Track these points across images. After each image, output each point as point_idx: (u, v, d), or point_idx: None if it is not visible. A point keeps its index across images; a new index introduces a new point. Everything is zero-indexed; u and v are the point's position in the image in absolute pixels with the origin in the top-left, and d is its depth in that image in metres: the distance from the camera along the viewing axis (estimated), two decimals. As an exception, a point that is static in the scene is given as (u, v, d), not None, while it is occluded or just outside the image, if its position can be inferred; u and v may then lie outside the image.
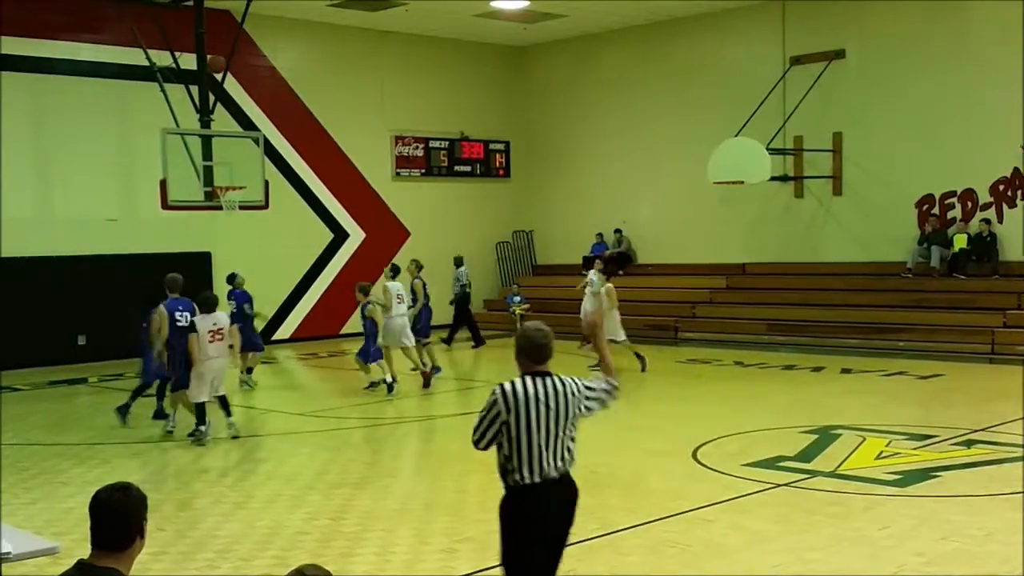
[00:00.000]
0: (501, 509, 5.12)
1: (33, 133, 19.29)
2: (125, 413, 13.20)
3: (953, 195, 19.64)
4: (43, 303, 18.92)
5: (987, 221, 19.09)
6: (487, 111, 25.78)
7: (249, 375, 16.22)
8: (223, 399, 12.14)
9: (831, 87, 20.61)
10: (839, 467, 9.73)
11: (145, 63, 16.96)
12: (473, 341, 20.69)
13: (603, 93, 24.85)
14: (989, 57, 18.85)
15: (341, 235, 23.38)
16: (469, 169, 25.60)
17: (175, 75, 16.71)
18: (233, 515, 8.68)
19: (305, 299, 22.69)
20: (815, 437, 11.09)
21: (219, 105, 17.70)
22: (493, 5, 21.71)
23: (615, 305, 16.59)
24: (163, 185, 16.00)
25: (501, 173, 26.28)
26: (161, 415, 13.11)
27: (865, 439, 10.91)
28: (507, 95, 26.18)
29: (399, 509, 8.72)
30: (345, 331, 22.97)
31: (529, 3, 21.63)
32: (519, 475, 5.00)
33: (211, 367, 11.78)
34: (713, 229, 22.93)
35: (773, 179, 20.32)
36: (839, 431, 11.35)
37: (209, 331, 11.72)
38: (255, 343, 16.20)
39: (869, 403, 13.46)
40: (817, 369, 16.64)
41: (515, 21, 23.12)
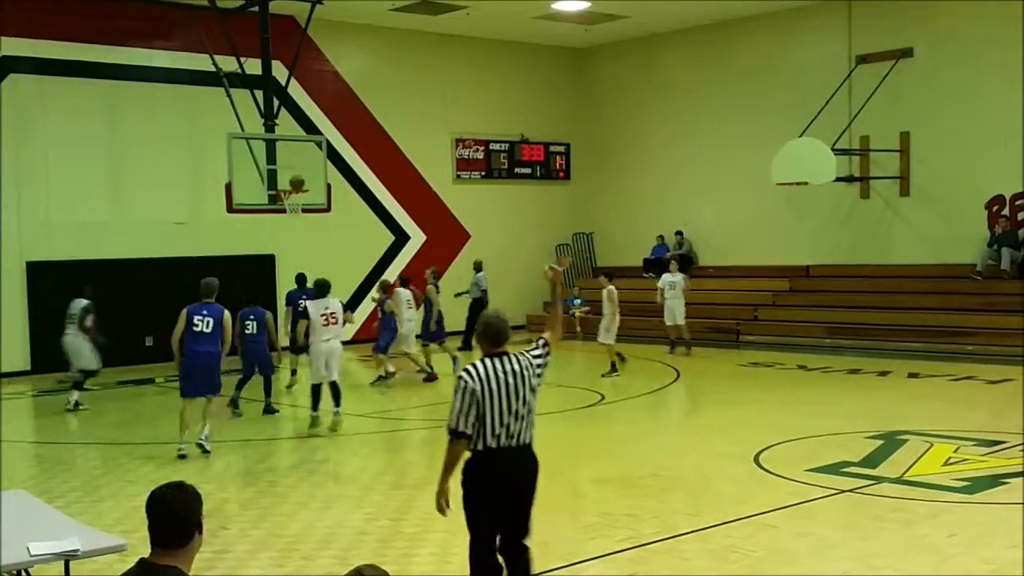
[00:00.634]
0: (463, 472, 5.74)
1: (107, 138, 19.71)
2: (237, 405, 13.99)
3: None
4: (113, 304, 19.28)
5: (1060, 222, 18.67)
6: (547, 113, 25.78)
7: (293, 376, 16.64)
8: (334, 385, 12.60)
9: (898, 86, 20.28)
10: (905, 473, 9.56)
11: (212, 68, 17.24)
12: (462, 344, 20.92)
13: (665, 94, 24.71)
14: (1062, 54, 18.44)
15: (402, 237, 23.53)
16: (529, 171, 25.62)
17: (241, 80, 16.96)
18: (295, 515, 8.77)
19: (367, 301, 22.85)
20: (880, 443, 10.92)
21: (283, 109, 17.95)
22: (554, 7, 21.71)
23: (616, 309, 16.84)
24: (228, 189, 16.24)
25: (561, 175, 26.25)
26: (237, 403, 13.99)
27: (932, 445, 10.71)
28: (568, 97, 26.15)
29: (459, 510, 8.72)
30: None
31: (590, 4, 21.59)
32: (481, 442, 5.64)
33: (322, 349, 12.49)
34: (777, 231, 22.68)
35: (839, 180, 20.03)
36: (905, 437, 11.16)
37: (321, 314, 12.52)
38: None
39: (936, 408, 13.22)
40: (883, 373, 16.38)
41: (576, 23, 23.09)
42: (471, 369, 5.67)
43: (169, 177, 20.18)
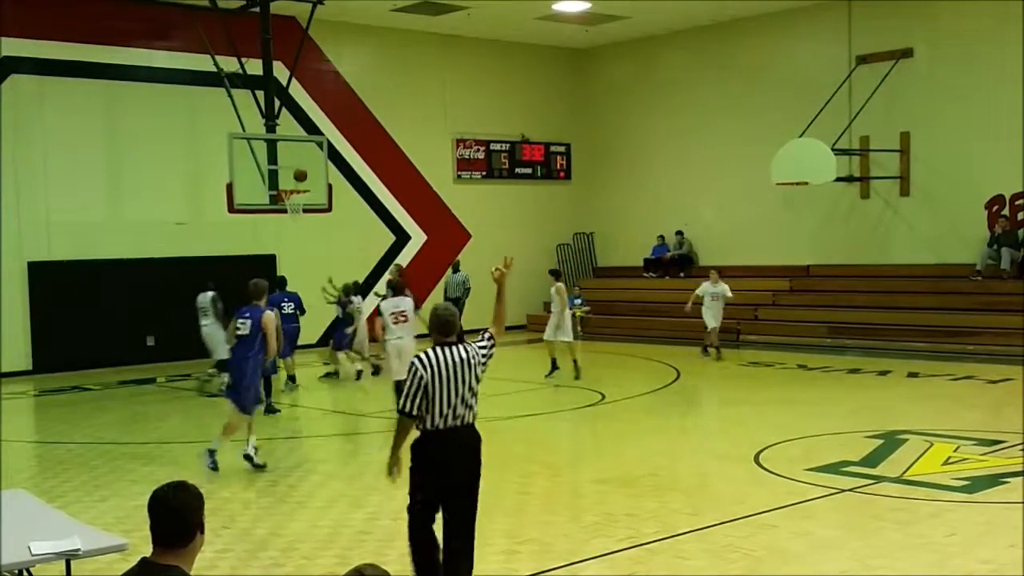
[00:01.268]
0: (412, 449, 6.31)
1: (107, 139, 19.72)
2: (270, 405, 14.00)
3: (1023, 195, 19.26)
4: (113, 304, 19.33)
5: (1060, 222, 18.69)
6: (548, 113, 25.80)
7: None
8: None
9: (898, 86, 20.30)
10: (905, 472, 9.58)
11: (213, 69, 17.26)
12: None
13: (665, 95, 24.73)
14: (1062, 54, 18.45)
15: (403, 237, 23.55)
16: (530, 171, 25.64)
17: (242, 80, 16.98)
18: (296, 514, 8.79)
19: (367, 301, 22.84)
20: (880, 442, 10.93)
21: (284, 110, 17.96)
22: (555, 8, 21.72)
23: (565, 306, 16.53)
24: (229, 189, 16.27)
25: (562, 175, 26.27)
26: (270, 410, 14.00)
27: (932, 444, 10.73)
28: (568, 97, 26.17)
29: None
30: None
31: (590, 5, 21.60)
32: (429, 422, 6.21)
33: (395, 346, 12.90)
34: (777, 231, 22.69)
35: (838, 180, 20.04)
36: (905, 436, 11.17)
37: (391, 313, 13.07)
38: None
39: (936, 408, 13.24)
40: (883, 373, 16.39)
41: (576, 23, 23.11)
42: (423, 356, 6.23)
43: (170, 177, 20.20)
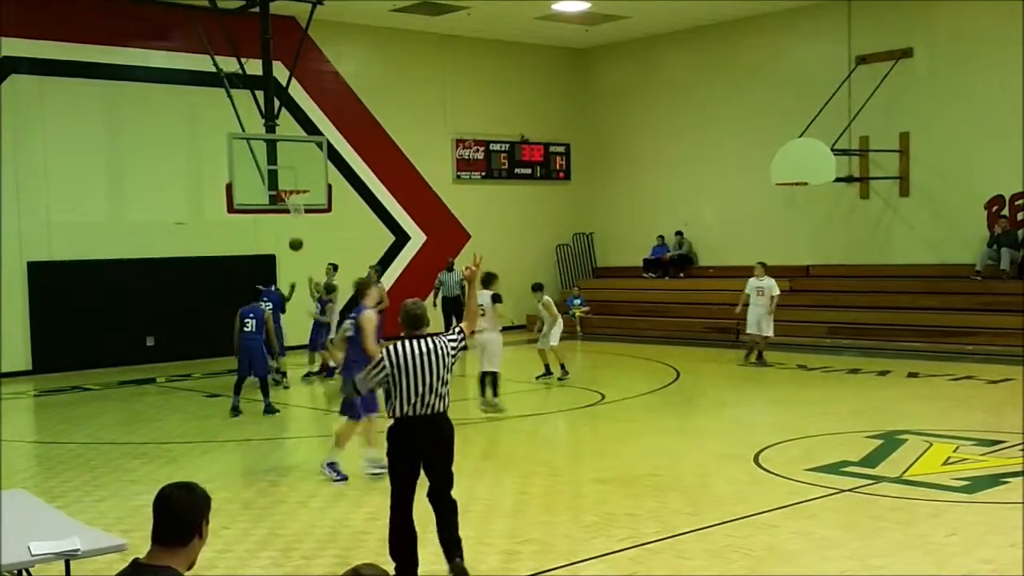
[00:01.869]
0: (387, 434, 6.80)
1: (107, 139, 19.72)
2: (237, 412, 13.80)
3: (1023, 196, 19.23)
4: (113, 305, 19.33)
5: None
6: (548, 114, 25.79)
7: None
8: (489, 376, 13.27)
9: (898, 87, 20.30)
10: (905, 473, 9.57)
11: (212, 69, 17.26)
12: None
13: (665, 95, 24.73)
14: (1062, 55, 18.45)
15: (402, 237, 23.55)
16: (529, 172, 25.63)
17: (241, 81, 16.97)
18: (295, 514, 8.79)
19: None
20: (880, 442, 10.93)
21: (284, 110, 17.95)
22: (554, 8, 21.72)
23: (557, 317, 16.23)
24: (229, 189, 16.26)
25: (561, 176, 26.27)
26: (239, 410, 13.84)
27: (932, 444, 10.73)
28: (568, 97, 26.17)
29: (460, 510, 8.73)
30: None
31: (590, 5, 21.60)
32: (400, 410, 6.66)
33: (478, 340, 13.13)
34: (777, 231, 22.69)
35: (838, 180, 20.04)
36: (905, 436, 11.17)
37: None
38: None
39: (936, 408, 13.23)
40: (883, 373, 16.39)
41: (576, 23, 23.11)
42: (391, 349, 6.70)
43: (169, 177, 20.19)
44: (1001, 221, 19.27)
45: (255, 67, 17.18)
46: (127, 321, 19.41)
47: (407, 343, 6.72)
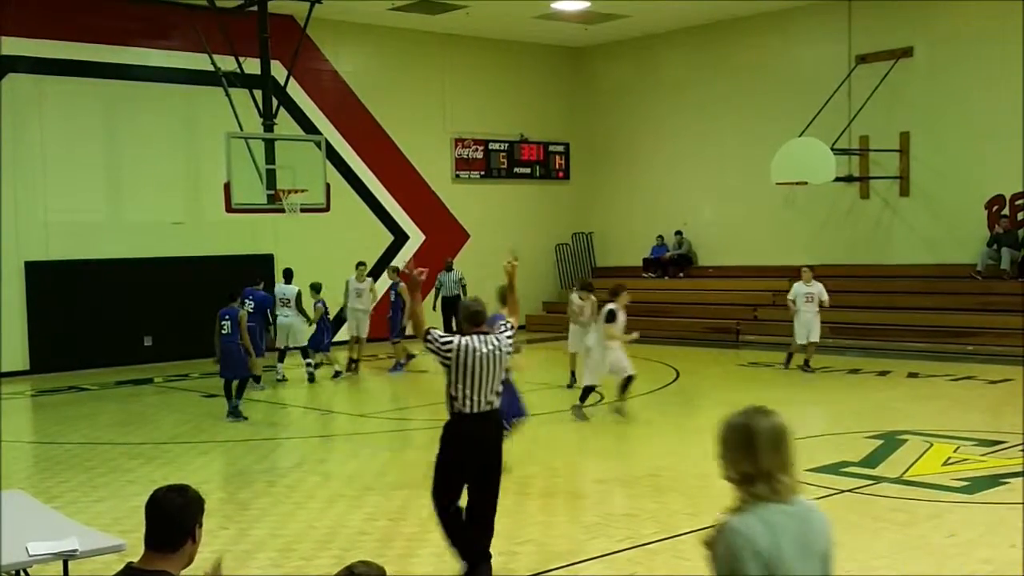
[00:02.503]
0: (443, 430, 6.79)
1: (105, 138, 19.69)
2: (238, 415, 13.40)
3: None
4: (111, 304, 19.29)
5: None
6: (547, 113, 25.77)
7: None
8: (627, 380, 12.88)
9: (898, 86, 20.27)
10: (905, 473, 9.55)
11: (210, 68, 17.23)
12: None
13: (664, 94, 24.70)
14: (1061, 54, 18.43)
15: (401, 237, 23.52)
16: (529, 171, 25.61)
17: (240, 80, 16.95)
18: (294, 515, 8.76)
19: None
20: (880, 442, 10.91)
21: (282, 109, 17.93)
22: (553, 7, 21.69)
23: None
24: (227, 188, 16.23)
25: (561, 175, 26.24)
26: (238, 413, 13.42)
27: (932, 445, 10.71)
28: (567, 97, 26.14)
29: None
30: (405, 332, 23.09)
31: (589, 4, 21.58)
32: (460, 406, 6.66)
33: (615, 354, 12.89)
34: (776, 231, 22.67)
35: (838, 180, 20.02)
36: (905, 436, 11.15)
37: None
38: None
39: (936, 408, 13.21)
40: (883, 373, 16.37)
41: (575, 22, 23.08)
42: (461, 342, 6.67)
43: (167, 177, 20.15)
44: (1002, 221, 19.26)
45: (253, 66, 17.16)
46: (125, 321, 19.37)
47: (472, 339, 6.72)
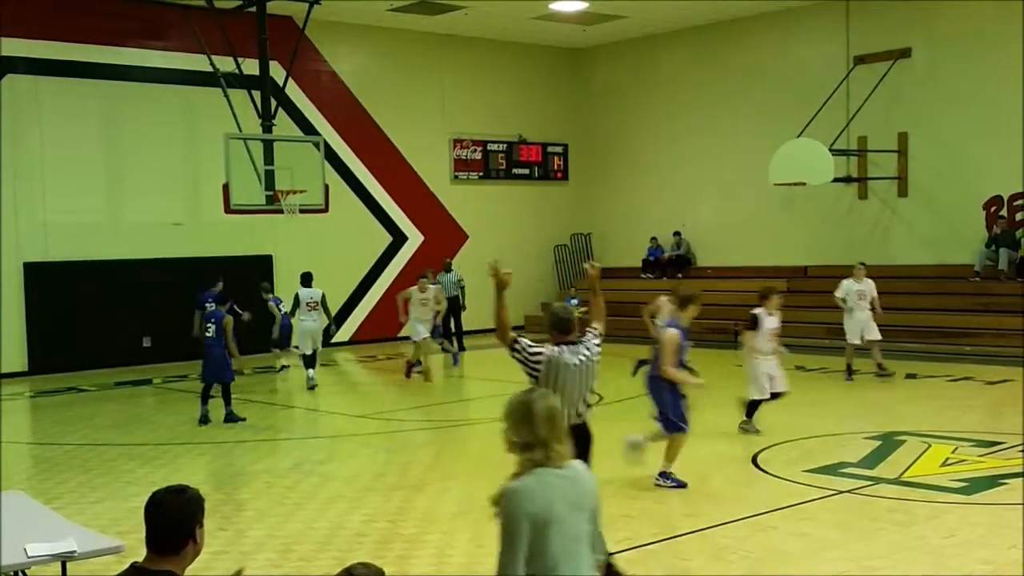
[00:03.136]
0: None
1: (104, 139, 19.69)
2: (206, 421, 13.24)
3: (1022, 196, 19.23)
4: (110, 305, 19.29)
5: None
6: (546, 114, 25.78)
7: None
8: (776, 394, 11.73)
9: (896, 87, 20.29)
10: (903, 474, 9.56)
11: (209, 69, 17.23)
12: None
13: (663, 95, 24.71)
14: (1059, 55, 18.45)
15: (400, 238, 23.52)
16: (527, 172, 25.61)
17: (238, 81, 16.95)
18: (293, 516, 8.76)
19: (364, 302, 22.86)
20: (878, 443, 10.91)
21: (280, 110, 17.92)
22: (552, 7, 21.70)
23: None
24: (226, 189, 16.23)
25: (559, 176, 26.25)
26: (207, 420, 13.23)
27: (930, 445, 10.71)
28: (566, 97, 26.15)
29: (458, 512, 8.74)
30: (404, 333, 23.08)
31: (588, 5, 21.59)
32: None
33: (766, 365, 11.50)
34: (775, 231, 22.68)
35: (836, 180, 20.03)
36: (903, 437, 11.15)
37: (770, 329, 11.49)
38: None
39: (934, 409, 13.22)
40: (881, 374, 16.34)
41: (574, 23, 23.09)
42: (552, 351, 6.39)
43: (166, 178, 20.15)
44: (1000, 221, 19.27)
45: (252, 67, 17.16)
46: (124, 322, 19.36)
47: (563, 348, 6.45)
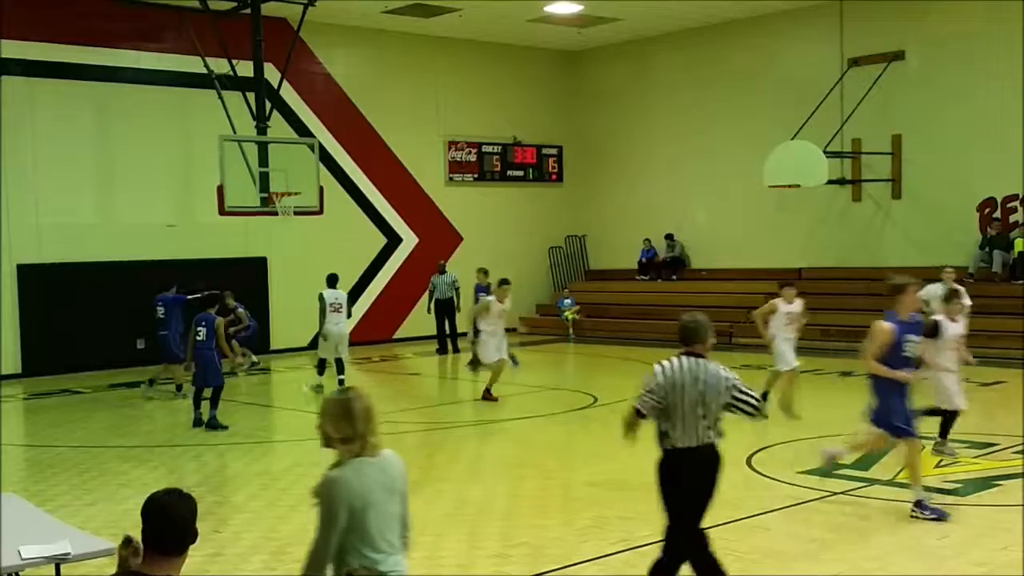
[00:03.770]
0: (658, 469, 6.12)
1: (98, 141, 19.66)
2: (200, 423, 13.10)
3: (1015, 198, 19.28)
4: (103, 307, 19.25)
5: (1051, 225, 18.72)
6: (540, 116, 25.79)
7: (151, 386, 16.10)
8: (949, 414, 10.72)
9: (890, 89, 20.33)
10: (897, 475, 9.56)
11: (203, 71, 17.20)
12: (439, 346, 21.07)
13: (657, 97, 24.74)
14: (1053, 57, 18.50)
15: (394, 240, 23.52)
16: (522, 174, 25.62)
17: (232, 82, 16.93)
18: (288, 517, 8.75)
19: (359, 304, 22.83)
20: (873, 444, 10.90)
21: (275, 112, 17.91)
22: (547, 10, 21.72)
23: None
24: (220, 191, 16.21)
25: (554, 178, 26.26)
26: (201, 422, 13.09)
27: (924, 447, 10.71)
28: (560, 99, 26.17)
29: (452, 513, 8.73)
30: (398, 335, 23.12)
31: (582, 7, 21.60)
32: (671, 440, 5.97)
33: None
34: (769, 234, 22.71)
35: (830, 182, 20.07)
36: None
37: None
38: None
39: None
40: (875, 375, 16.35)
41: (569, 25, 23.11)
42: (665, 364, 6.01)
43: (160, 179, 20.13)
44: (993, 224, 19.31)
45: (246, 69, 17.13)
46: (117, 324, 19.33)
47: (681, 360, 6.01)
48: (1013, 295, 18.54)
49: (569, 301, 23.15)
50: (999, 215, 19.40)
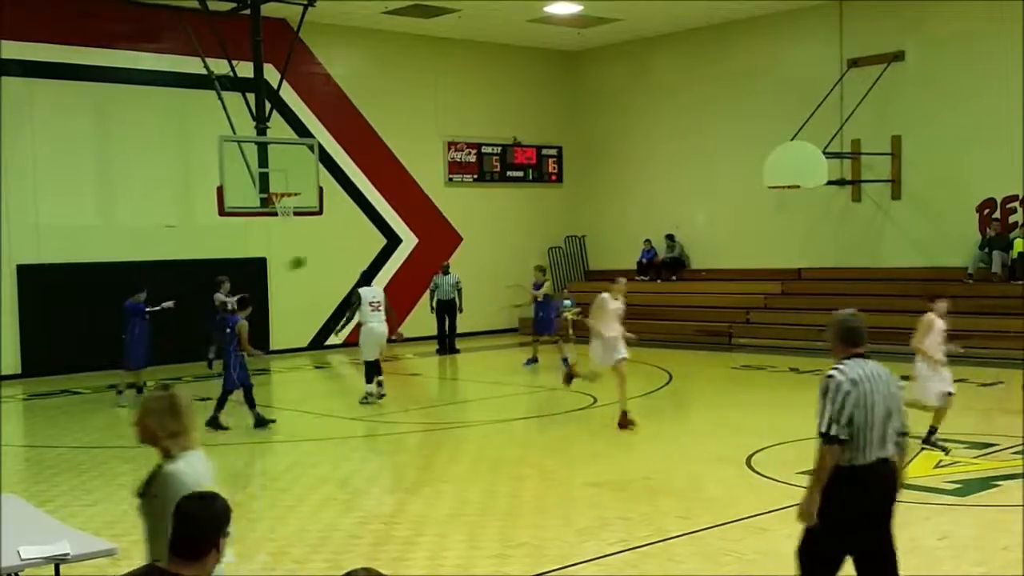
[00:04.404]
0: (828, 491, 5.15)
1: (97, 141, 19.66)
2: (217, 425, 13.01)
3: (1015, 199, 19.28)
4: (103, 308, 19.22)
5: (1050, 225, 18.72)
6: (540, 116, 25.79)
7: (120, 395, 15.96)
8: None
9: (890, 89, 20.33)
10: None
11: (203, 71, 17.20)
12: (439, 346, 21.07)
13: (657, 97, 24.74)
14: (1052, 58, 18.50)
15: (394, 240, 23.51)
16: (521, 174, 25.62)
17: (232, 83, 16.92)
18: (287, 518, 8.76)
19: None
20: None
21: (275, 113, 17.90)
22: (546, 10, 21.72)
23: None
24: (220, 192, 16.20)
25: (553, 178, 26.26)
26: (263, 422, 13.05)
27: (923, 448, 10.72)
28: (560, 100, 26.17)
29: (452, 514, 8.74)
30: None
31: (582, 7, 21.61)
32: (850, 456, 5.02)
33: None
34: (769, 234, 22.71)
35: (830, 183, 20.07)
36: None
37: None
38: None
39: (927, 411, 13.20)
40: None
41: (568, 26, 23.11)
42: (847, 371, 5.04)
43: (160, 180, 20.13)
44: (993, 224, 19.31)
45: (246, 69, 17.12)
46: (117, 324, 19.28)
47: (857, 364, 5.10)
48: (1012, 295, 18.54)
49: (570, 302, 23.13)
50: (998, 216, 19.40)
